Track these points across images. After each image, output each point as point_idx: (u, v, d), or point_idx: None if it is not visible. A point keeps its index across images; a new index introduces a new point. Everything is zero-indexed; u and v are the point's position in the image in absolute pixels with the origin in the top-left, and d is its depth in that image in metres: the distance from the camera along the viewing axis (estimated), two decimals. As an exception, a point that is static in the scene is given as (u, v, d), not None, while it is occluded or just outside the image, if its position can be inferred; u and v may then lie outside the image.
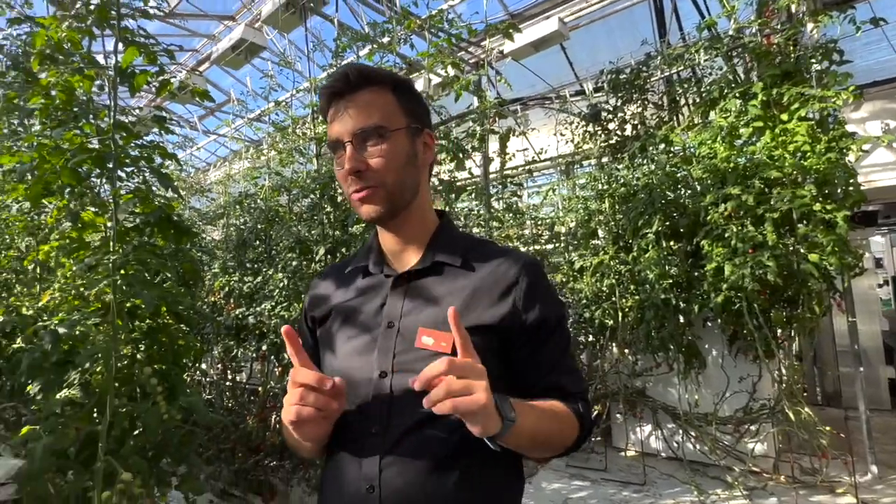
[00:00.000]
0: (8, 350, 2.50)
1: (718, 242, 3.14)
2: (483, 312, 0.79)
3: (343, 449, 0.80)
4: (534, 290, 0.82)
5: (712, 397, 3.50)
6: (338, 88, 0.81)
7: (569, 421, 0.80)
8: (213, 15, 6.68)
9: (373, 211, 0.81)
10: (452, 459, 0.74)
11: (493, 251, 0.87)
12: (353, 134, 0.79)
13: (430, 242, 0.87)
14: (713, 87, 3.56)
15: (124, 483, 1.50)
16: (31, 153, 1.72)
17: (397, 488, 0.73)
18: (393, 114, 0.82)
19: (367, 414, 0.77)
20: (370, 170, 0.79)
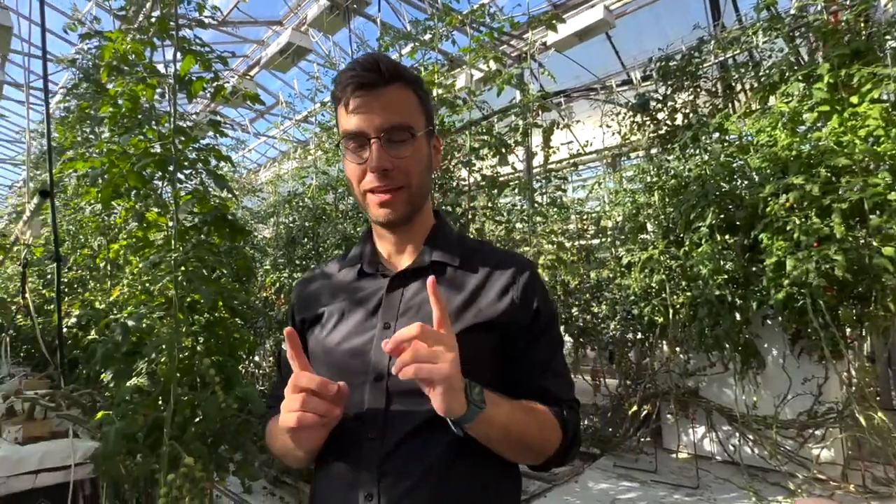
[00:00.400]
0: (84, 341, 2.72)
1: (779, 236, 2.95)
2: (481, 312, 0.77)
3: (338, 456, 0.77)
4: (530, 289, 0.80)
5: (772, 399, 3.31)
6: (368, 79, 0.75)
7: (549, 425, 0.76)
8: (262, 21, 6.94)
9: (392, 214, 0.78)
10: (452, 463, 0.72)
11: (491, 252, 0.86)
12: (381, 130, 0.74)
13: (426, 242, 0.84)
14: (773, 71, 3.35)
15: (187, 467, 1.59)
16: (101, 158, 1.85)
17: (397, 495, 0.71)
18: (418, 114, 0.79)
19: (362, 419, 0.74)
20: (397, 170, 0.75)
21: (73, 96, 3.16)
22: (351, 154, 0.77)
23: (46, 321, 3.05)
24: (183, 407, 1.71)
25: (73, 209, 3.33)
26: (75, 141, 2.98)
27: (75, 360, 2.74)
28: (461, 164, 3.09)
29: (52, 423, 1.76)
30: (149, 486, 1.81)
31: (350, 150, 0.77)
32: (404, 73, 0.78)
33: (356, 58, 0.80)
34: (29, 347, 3.43)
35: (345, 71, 0.77)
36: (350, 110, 0.76)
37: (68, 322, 2.76)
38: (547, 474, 3.77)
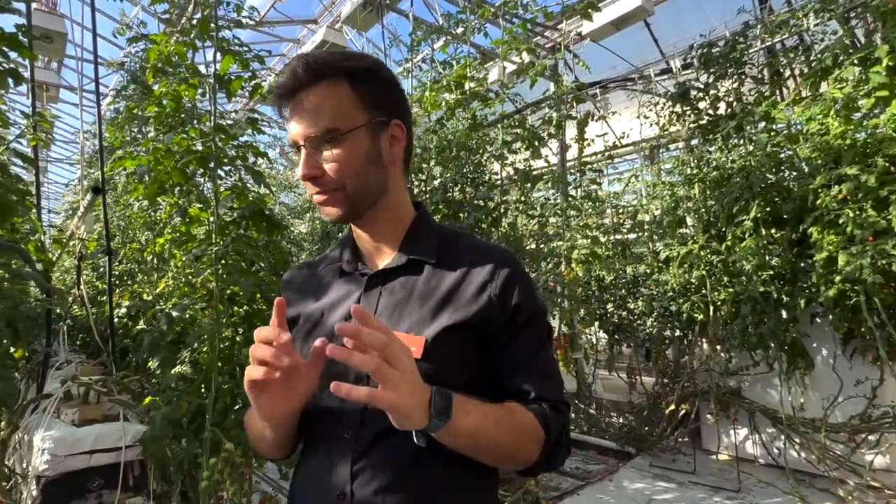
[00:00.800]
0: (133, 330, 2.87)
1: (830, 229, 2.79)
2: (457, 311, 0.74)
3: (314, 453, 0.77)
4: (509, 284, 0.76)
5: (821, 401, 3.15)
6: (287, 88, 0.74)
7: (527, 429, 0.71)
8: (298, 20, 7.08)
9: (333, 214, 0.76)
10: (425, 465, 0.70)
11: (470, 245, 0.82)
12: (304, 137, 0.73)
13: (404, 239, 0.81)
14: (826, 55, 3.15)
15: (228, 452, 1.66)
16: (147, 157, 1.94)
17: (369, 495, 0.70)
18: (349, 111, 0.74)
19: (340, 418, 0.74)
20: (325, 175, 0.74)
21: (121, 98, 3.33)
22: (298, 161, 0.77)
23: (99, 312, 3.24)
24: (224, 395, 1.78)
25: (123, 206, 3.51)
26: (124, 140, 3.13)
27: (126, 348, 2.90)
28: (493, 157, 3.07)
29: (104, 407, 1.86)
30: (193, 469, 1.90)
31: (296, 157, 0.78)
32: (328, 68, 0.74)
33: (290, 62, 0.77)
34: (84, 336, 3.64)
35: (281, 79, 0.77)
36: (287, 119, 0.76)
37: (119, 313, 2.92)
38: (580, 472, 3.73)
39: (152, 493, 1.82)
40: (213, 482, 1.62)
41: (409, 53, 3.57)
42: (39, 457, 1.59)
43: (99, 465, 1.67)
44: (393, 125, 0.78)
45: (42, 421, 1.71)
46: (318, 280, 0.88)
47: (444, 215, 2.99)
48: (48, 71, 6.68)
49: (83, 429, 1.69)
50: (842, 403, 3.08)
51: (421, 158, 3.27)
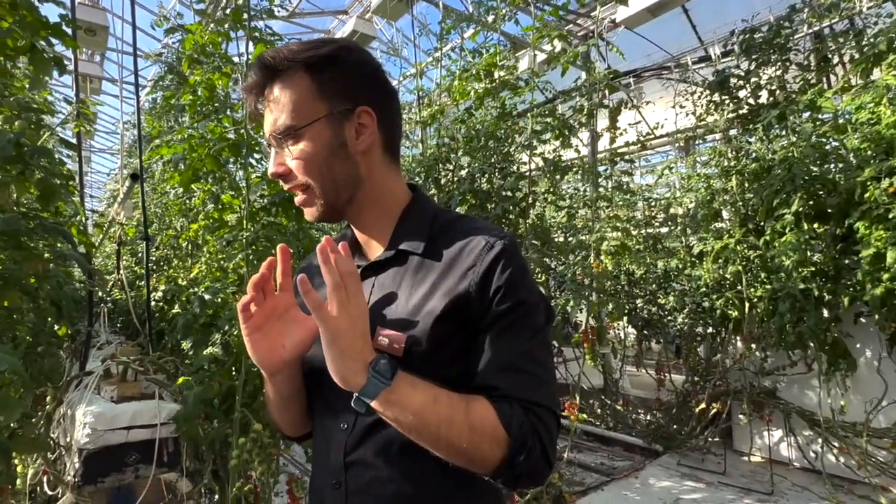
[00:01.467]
0: (169, 314, 2.97)
1: (879, 224, 2.65)
2: (441, 299, 0.69)
3: (318, 442, 0.80)
4: (492, 267, 0.69)
5: (864, 405, 3.01)
6: (248, 87, 0.73)
7: (484, 424, 0.63)
8: (329, 11, 7.12)
9: (311, 214, 0.76)
10: (416, 458, 0.68)
11: (463, 230, 0.75)
12: (271, 135, 0.73)
13: (395, 228, 0.78)
14: (880, 39, 2.97)
15: (256, 433, 1.70)
16: (182, 145, 1.99)
17: (362, 485, 0.71)
18: (307, 104, 0.71)
19: (336, 410, 0.75)
20: (291, 173, 0.73)
21: (159, 88, 3.42)
22: None
23: (137, 295, 3.37)
24: (253, 377, 1.82)
25: (160, 193, 3.62)
26: (162, 130, 3.23)
27: (162, 331, 3.00)
28: (523, 147, 3.02)
29: (141, 385, 1.94)
30: (223, 448, 1.95)
31: None
32: (284, 63, 0.71)
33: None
34: (123, 318, 3.80)
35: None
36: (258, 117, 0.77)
37: (155, 296, 3.02)
38: (605, 467, 3.68)
39: (185, 469, 1.89)
40: (242, 461, 1.67)
41: (439, 42, 3.54)
42: (81, 430, 1.66)
43: (136, 440, 1.73)
44: (360, 112, 0.73)
45: (84, 396, 1.79)
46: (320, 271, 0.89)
47: (472, 205, 2.97)
48: (91, 63, 6.95)
49: (121, 405, 1.77)
50: (886, 408, 2.94)
51: (449, 148, 3.25)
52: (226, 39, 2.20)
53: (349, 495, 0.72)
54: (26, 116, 1.39)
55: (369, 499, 0.71)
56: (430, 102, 3.68)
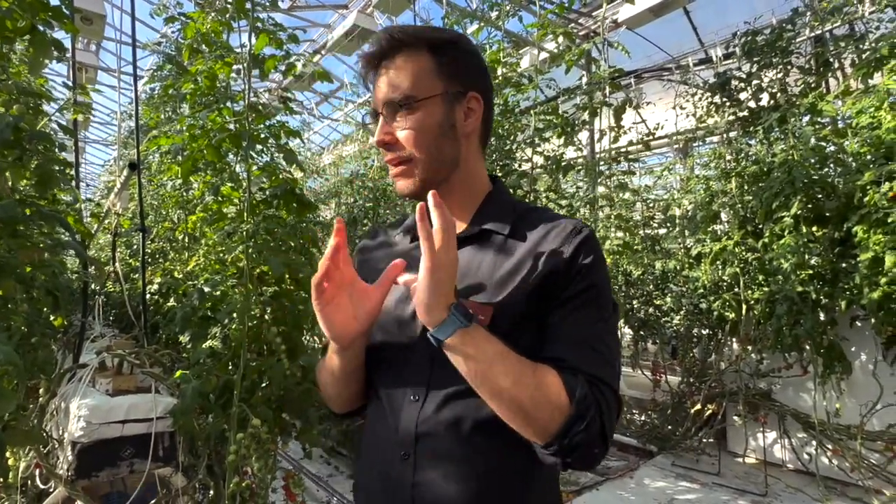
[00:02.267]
0: (164, 307, 2.93)
1: (878, 228, 2.66)
2: (527, 279, 0.72)
3: (381, 413, 0.80)
4: (580, 249, 0.72)
5: (858, 408, 3.02)
6: (371, 55, 0.77)
7: (549, 388, 0.64)
8: (329, 4, 7.07)
9: (405, 188, 0.77)
10: (487, 434, 0.71)
11: (544, 217, 0.79)
12: (383, 104, 0.75)
13: (478, 210, 0.81)
14: (881, 44, 2.98)
15: (254, 428, 1.68)
16: (182, 136, 1.95)
17: (432, 457, 0.72)
18: (427, 79, 0.75)
19: (406, 380, 0.76)
20: (398, 142, 0.75)
21: (157, 78, 3.38)
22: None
23: (133, 288, 3.32)
24: (251, 372, 1.80)
25: (157, 184, 3.58)
26: (159, 120, 3.18)
27: (156, 324, 2.97)
28: (525, 144, 3.01)
29: (137, 379, 1.91)
30: (220, 444, 1.93)
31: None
32: (411, 38, 0.75)
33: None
34: (118, 311, 3.76)
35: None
36: (370, 87, 0.79)
37: (151, 289, 2.99)
38: (600, 467, 3.69)
39: (181, 464, 1.86)
40: (238, 456, 1.65)
41: (441, 38, 3.52)
42: (75, 423, 1.63)
43: (131, 434, 1.71)
44: (470, 97, 0.78)
45: (78, 389, 1.76)
46: (391, 247, 0.90)
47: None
48: (87, 53, 6.85)
49: (117, 398, 1.74)
50: (880, 411, 2.95)
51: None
52: (227, 29, 2.17)
53: (418, 467, 0.73)
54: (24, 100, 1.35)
55: (438, 472, 0.72)
56: (431, 98, 3.66)
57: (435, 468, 0.72)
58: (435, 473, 0.72)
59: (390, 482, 0.75)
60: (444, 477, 0.71)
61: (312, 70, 2.20)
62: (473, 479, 0.71)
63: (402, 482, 0.73)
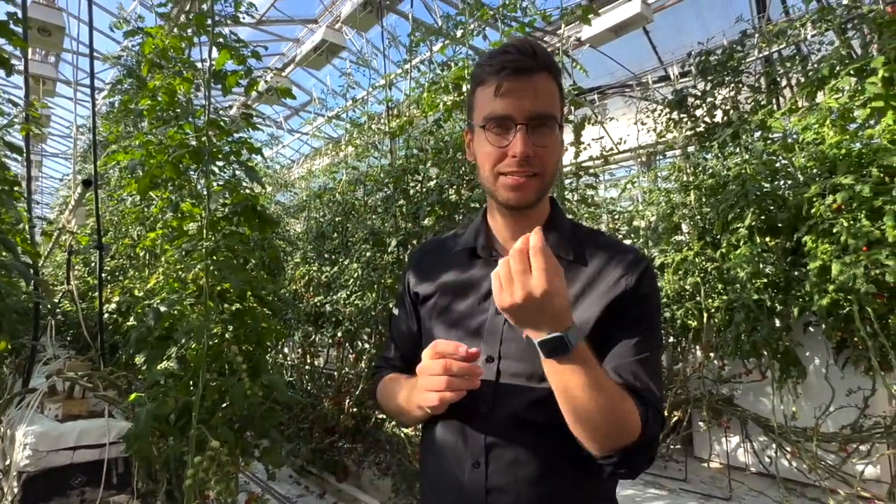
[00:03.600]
0: (124, 326, 2.84)
1: (824, 238, 2.80)
2: (591, 306, 0.78)
3: (448, 425, 0.83)
4: (643, 277, 0.80)
5: (813, 411, 3.15)
6: (524, 64, 0.76)
7: (629, 415, 0.71)
8: (298, 19, 7.07)
9: (523, 199, 0.79)
10: (553, 446, 0.75)
11: (604, 243, 0.85)
12: (529, 117, 0.76)
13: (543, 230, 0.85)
14: (823, 65, 3.17)
15: (213, 450, 1.63)
16: (140, 151, 1.92)
17: (503, 466, 0.76)
18: (558, 106, 0.80)
19: (474, 394, 0.77)
20: (537, 158, 0.77)
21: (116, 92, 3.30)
22: (491, 136, 0.78)
23: (90, 307, 3.20)
24: (211, 392, 1.75)
25: (116, 200, 3.48)
26: (119, 135, 3.11)
27: (116, 344, 2.86)
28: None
29: (89, 403, 1.84)
30: (179, 467, 1.87)
31: (490, 132, 0.78)
32: (554, 63, 0.80)
33: (511, 42, 0.82)
34: (75, 331, 3.61)
35: (498, 53, 0.78)
36: (500, 93, 0.77)
37: (109, 308, 2.88)
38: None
39: (136, 491, 1.80)
40: (196, 480, 1.60)
41: (408, 54, 3.57)
42: (21, 452, 1.56)
43: (82, 461, 1.64)
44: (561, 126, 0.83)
45: (25, 416, 1.68)
46: (449, 261, 0.91)
47: (440, 216, 2.98)
48: (45, 65, 6.65)
49: (66, 424, 1.67)
50: (833, 413, 3.08)
51: (417, 159, 3.26)
52: (188, 44, 2.15)
53: (490, 475, 0.77)
54: (-33, 118, 1.31)
55: (509, 478, 0.76)
56: (399, 114, 3.69)
57: (506, 474, 0.77)
58: (507, 479, 0.77)
59: (463, 491, 0.79)
60: (516, 481, 0.76)
61: (276, 86, 2.20)
62: (544, 480, 0.76)
63: (476, 489, 0.77)
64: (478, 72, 0.81)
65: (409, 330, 0.97)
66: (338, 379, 3.73)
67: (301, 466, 3.65)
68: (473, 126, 0.83)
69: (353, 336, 3.49)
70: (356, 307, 3.34)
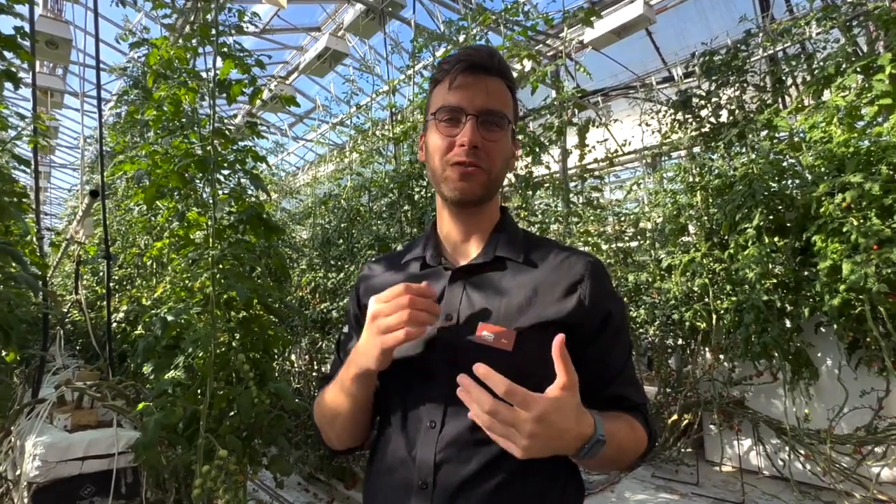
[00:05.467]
0: (132, 336, 2.85)
1: (834, 238, 2.77)
2: (546, 308, 0.76)
3: (395, 441, 0.78)
4: (599, 289, 0.79)
5: (826, 412, 3.10)
6: (480, 62, 0.79)
7: (642, 439, 0.78)
8: (302, 28, 7.13)
9: (469, 191, 0.79)
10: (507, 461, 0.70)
11: (555, 248, 0.85)
12: (479, 110, 0.78)
13: (491, 236, 0.85)
14: (828, 63, 3.14)
15: (221, 459, 1.63)
16: (147, 161, 1.93)
17: (454, 486, 0.72)
18: (510, 111, 0.83)
19: (423, 407, 0.76)
20: (484, 151, 0.78)
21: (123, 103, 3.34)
22: (443, 127, 0.80)
23: (98, 316, 3.22)
24: (219, 401, 1.75)
25: (124, 210, 3.51)
26: (126, 145, 3.13)
27: (124, 353, 2.88)
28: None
29: (98, 413, 1.84)
30: (188, 477, 1.87)
31: (442, 123, 0.80)
32: (509, 72, 0.84)
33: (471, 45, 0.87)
34: (84, 341, 3.63)
35: (455, 54, 0.82)
36: (454, 86, 0.79)
37: (117, 317, 2.90)
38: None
39: (146, 500, 1.80)
40: (205, 490, 1.59)
41: (411, 60, 3.58)
42: (30, 462, 1.56)
43: (91, 471, 1.64)
44: (515, 140, 0.87)
45: (34, 426, 1.69)
46: (398, 272, 0.90)
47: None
48: (53, 77, 6.73)
49: (75, 434, 1.67)
50: (847, 415, 3.03)
51: (420, 165, 3.26)
52: (193, 54, 2.16)
53: (435, 496, 0.72)
54: (-25, 131, 1.32)
55: (460, 498, 0.72)
56: (402, 119, 3.70)
57: (457, 494, 0.71)
58: (457, 499, 0.72)
59: None
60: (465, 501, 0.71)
61: (280, 94, 2.21)
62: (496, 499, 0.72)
63: None
64: (435, 73, 0.85)
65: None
66: (345, 385, 3.71)
67: (309, 474, 3.64)
68: (427, 124, 0.85)
69: (360, 342, 3.48)
70: (362, 313, 3.33)
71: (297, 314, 3.75)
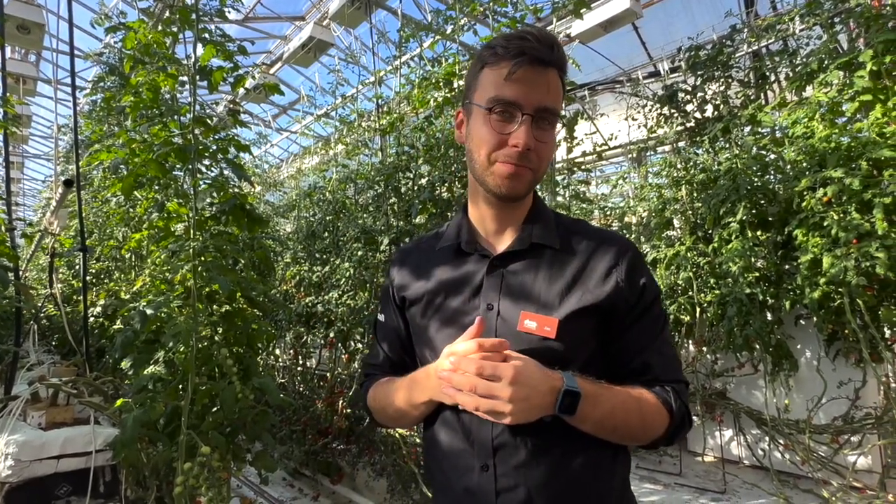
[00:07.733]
0: (110, 330, 2.77)
1: (815, 232, 2.81)
2: (585, 294, 0.77)
3: (453, 427, 0.81)
4: (635, 268, 0.80)
5: (805, 403, 3.17)
6: (541, 55, 0.74)
7: (653, 411, 0.76)
8: (286, 16, 6.99)
9: (516, 189, 0.78)
10: (561, 440, 0.75)
11: (590, 232, 0.84)
12: (536, 109, 0.74)
13: (525, 223, 0.84)
14: (811, 59, 3.19)
15: (204, 456, 1.59)
16: (124, 150, 1.86)
17: (511, 468, 0.75)
18: (561, 105, 0.81)
19: None
20: (535, 152, 0.76)
21: (99, 90, 3.23)
22: (495, 121, 0.76)
23: (75, 311, 3.13)
24: (201, 396, 1.70)
25: (100, 201, 3.40)
26: (102, 134, 3.03)
27: (102, 349, 2.80)
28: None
29: (74, 410, 1.78)
30: (169, 474, 1.82)
31: (494, 116, 0.76)
32: (566, 64, 0.79)
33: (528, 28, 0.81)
34: (60, 336, 3.52)
35: (515, 38, 0.75)
36: (513, 78, 0.74)
37: (95, 311, 2.81)
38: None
39: (125, 498, 1.75)
40: (188, 487, 1.55)
41: (397, 51, 3.53)
42: (2, 462, 1.50)
43: (67, 470, 1.59)
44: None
45: (7, 424, 1.62)
46: (435, 260, 0.89)
47: (432, 214, 2.95)
48: (25, 63, 6.50)
49: (50, 432, 1.61)
50: (825, 405, 3.10)
51: (409, 156, 3.22)
52: (172, 39, 2.09)
53: (499, 477, 0.76)
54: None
55: (518, 480, 0.75)
56: (389, 111, 3.65)
57: (515, 476, 0.75)
58: (516, 479, 0.75)
59: (474, 495, 0.77)
60: (526, 483, 0.75)
61: (264, 82, 2.15)
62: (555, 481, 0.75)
63: (486, 493, 0.76)
64: (488, 52, 0.78)
65: (397, 332, 0.95)
66: (330, 380, 3.68)
67: (294, 469, 3.60)
68: (472, 106, 0.80)
69: (346, 336, 3.44)
70: (348, 307, 3.30)
71: (281, 308, 3.69)
